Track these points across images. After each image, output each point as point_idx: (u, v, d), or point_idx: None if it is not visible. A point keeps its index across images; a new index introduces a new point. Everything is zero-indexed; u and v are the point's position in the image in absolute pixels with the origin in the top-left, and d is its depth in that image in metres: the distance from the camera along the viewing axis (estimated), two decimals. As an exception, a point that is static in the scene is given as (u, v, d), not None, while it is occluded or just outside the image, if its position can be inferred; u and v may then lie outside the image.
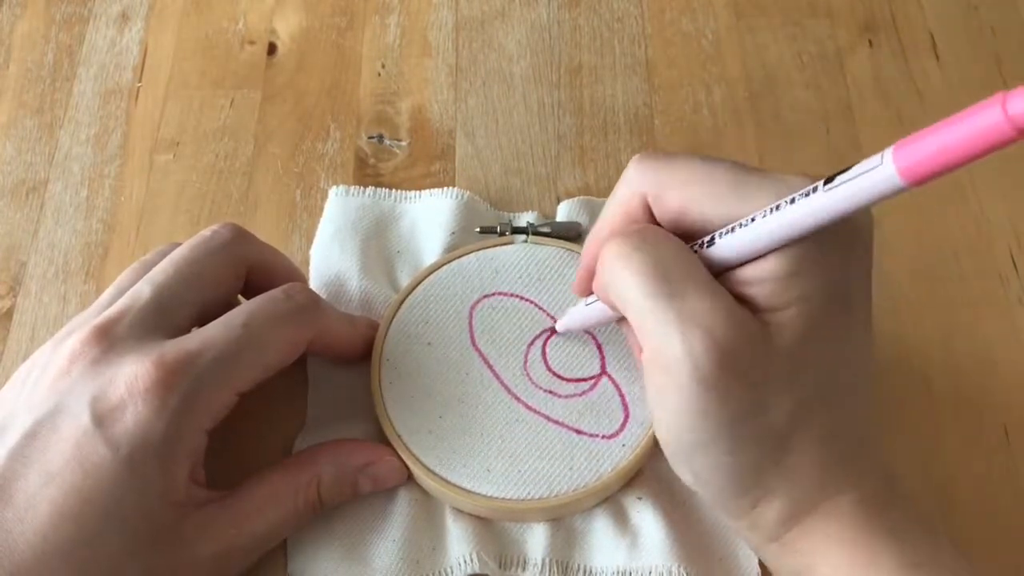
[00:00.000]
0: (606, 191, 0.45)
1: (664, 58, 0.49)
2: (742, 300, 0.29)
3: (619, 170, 0.46)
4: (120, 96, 0.49)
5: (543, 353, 0.38)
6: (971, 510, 0.37)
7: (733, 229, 0.28)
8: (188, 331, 0.34)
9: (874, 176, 0.23)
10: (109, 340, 0.32)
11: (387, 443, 0.36)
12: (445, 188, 0.44)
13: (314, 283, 0.41)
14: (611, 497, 0.36)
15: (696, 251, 0.29)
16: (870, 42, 0.50)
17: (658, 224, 0.31)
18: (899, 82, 0.48)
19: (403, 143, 0.47)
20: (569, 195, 0.45)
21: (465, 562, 0.34)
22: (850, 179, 0.24)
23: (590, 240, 0.34)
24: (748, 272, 0.28)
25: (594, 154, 0.46)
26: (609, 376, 0.38)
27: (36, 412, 0.31)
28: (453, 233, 0.42)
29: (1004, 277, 0.43)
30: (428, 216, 0.43)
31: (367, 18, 0.51)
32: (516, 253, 0.40)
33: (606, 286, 0.30)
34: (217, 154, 0.47)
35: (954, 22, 0.50)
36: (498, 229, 0.41)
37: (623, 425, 0.36)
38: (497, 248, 0.41)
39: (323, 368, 0.39)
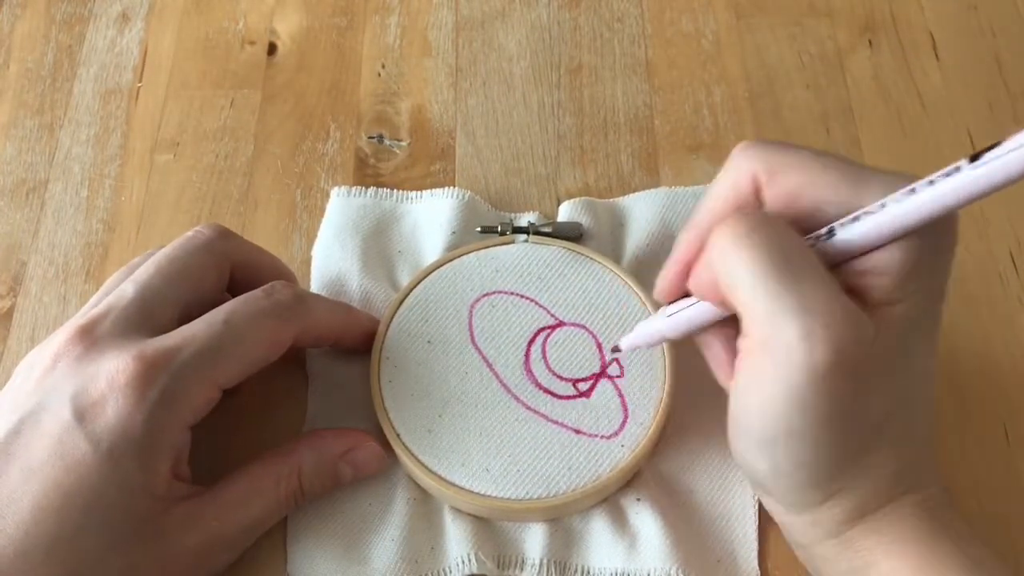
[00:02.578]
0: (606, 191, 0.45)
1: (664, 58, 0.49)
2: (854, 292, 0.28)
3: (619, 170, 0.46)
4: (120, 96, 0.49)
5: (543, 352, 0.38)
6: (971, 510, 0.37)
7: (858, 218, 0.27)
8: (172, 330, 0.35)
9: None
10: (92, 338, 0.33)
11: (386, 441, 0.36)
12: (446, 188, 0.44)
13: (315, 283, 0.42)
14: (610, 498, 0.36)
15: (813, 244, 0.28)
16: (870, 42, 0.50)
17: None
18: (899, 82, 0.48)
19: (403, 143, 0.47)
20: (569, 195, 0.45)
21: (464, 563, 0.34)
22: (1003, 154, 0.24)
23: (688, 229, 0.31)
24: (870, 262, 0.28)
25: (594, 154, 0.46)
26: (609, 376, 0.37)
27: (20, 410, 0.32)
28: (454, 233, 0.42)
29: (1004, 277, 0.43)
30: (429, 216, 0.43)
31: (367, 18, 0.51)
32: (517, 252, 0.40)
33: (716, 268, 0.29)
34: (217, 154, 0.47)
35: (954, 22, 0.50)
36: (499, 228, 0.41)
37: (622, 425, 0.36)
38: (498, 247, 0.41)
39: (323, 366, 0.39)
